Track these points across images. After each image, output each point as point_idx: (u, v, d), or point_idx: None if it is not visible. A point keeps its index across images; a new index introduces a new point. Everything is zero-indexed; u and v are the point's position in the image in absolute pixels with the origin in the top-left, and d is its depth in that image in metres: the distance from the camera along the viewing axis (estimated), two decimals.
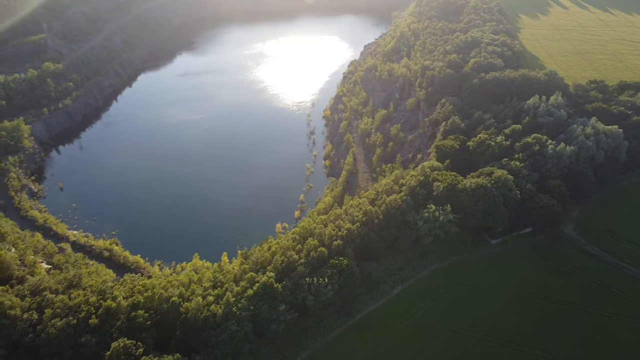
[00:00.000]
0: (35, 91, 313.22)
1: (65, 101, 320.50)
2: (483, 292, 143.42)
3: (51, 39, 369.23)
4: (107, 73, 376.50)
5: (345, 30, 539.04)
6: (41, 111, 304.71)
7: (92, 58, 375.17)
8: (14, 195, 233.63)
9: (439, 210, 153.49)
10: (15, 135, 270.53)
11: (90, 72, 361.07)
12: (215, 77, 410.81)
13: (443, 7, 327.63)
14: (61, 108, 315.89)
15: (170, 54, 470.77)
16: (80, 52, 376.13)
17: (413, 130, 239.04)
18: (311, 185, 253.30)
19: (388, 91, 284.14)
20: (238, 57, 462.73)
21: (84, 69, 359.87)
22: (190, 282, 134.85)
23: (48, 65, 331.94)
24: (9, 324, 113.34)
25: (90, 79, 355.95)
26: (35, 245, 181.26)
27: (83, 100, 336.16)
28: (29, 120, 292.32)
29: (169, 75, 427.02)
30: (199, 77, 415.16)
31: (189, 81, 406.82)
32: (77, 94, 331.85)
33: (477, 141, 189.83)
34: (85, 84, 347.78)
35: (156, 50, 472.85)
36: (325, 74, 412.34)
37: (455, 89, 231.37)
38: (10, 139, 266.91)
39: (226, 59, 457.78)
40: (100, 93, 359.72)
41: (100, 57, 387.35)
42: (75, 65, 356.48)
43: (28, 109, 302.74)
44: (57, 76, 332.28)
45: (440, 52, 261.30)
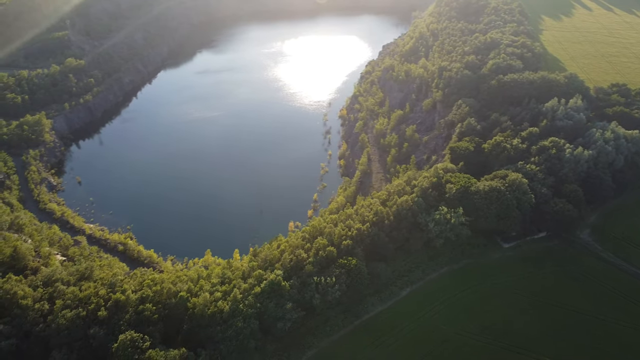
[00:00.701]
0: (57, 86, 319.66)
1: (86, 97, 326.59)
2: (494, 296, 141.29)
3: (74, 36, 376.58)
4: (127, 70, 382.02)
5: (365, 30, 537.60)
6: (62, 106, 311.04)
7: (113, 55, 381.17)
8: (34, 188, 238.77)
9: (451, 213, 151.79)
10: (36, 129, 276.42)
11: (111, 69, 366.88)
12: (234, 75, 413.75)
13: (463, 7, 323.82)
14: (82, 103, 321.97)
15: (190, 51, 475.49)
16: (102, 48, 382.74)
17: (428, 132, 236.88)
18: (325, 184, 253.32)
19: (405, 92, 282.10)
20: (257, 55, 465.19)
21: (105, 65, 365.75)
22: (199, 277, 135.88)
23: (70, 61, 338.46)
24: (20, 313, 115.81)
25: (111, 75, 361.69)
26: (51, 237, 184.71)
27: (103, 96, 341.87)
28: (51, 115, 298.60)
29: (188, 72, 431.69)
30: (217, 75, 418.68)
31: (207, 79, 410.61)
32: (97, 89, 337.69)
33: (492, 143, 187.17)
34: (106, 80, 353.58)
35: (176, 47, 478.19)
36: (343, 74, 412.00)
37: (473, 90, 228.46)
38: (31, 132, 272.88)
39: (245, 58, 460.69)
40: (121, 89, 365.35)
41: (122, 54, 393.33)
42: (97, 61, 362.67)
43: (50, 103, 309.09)
44: (79, 72, 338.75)
45: (458, 53, 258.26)
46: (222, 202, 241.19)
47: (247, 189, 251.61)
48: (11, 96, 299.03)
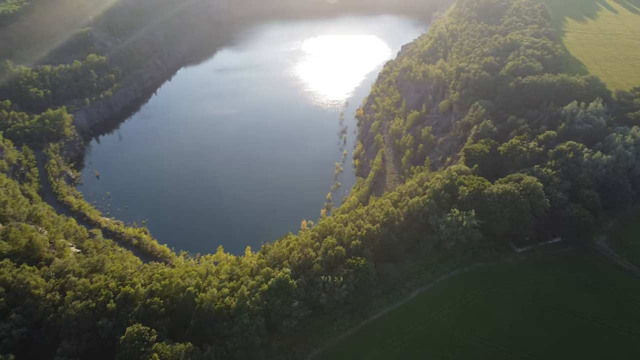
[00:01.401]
0: (79, 82, 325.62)
1: (106, 92, 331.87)
2: (504, 301, 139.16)
3: (97, 32, 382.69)
4: (147, 66, 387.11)
5: (385, 30, 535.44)
6: (83, 101, 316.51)
7: (134, 51, 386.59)
8: (53, 181, 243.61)
9: (463, 215, 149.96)
10: (57, 123, 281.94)
11: (132, 65, 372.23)
12: (252, 73, 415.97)
13: (484, 8, 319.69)
14: (102, 99, 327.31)
15: (210, 49, 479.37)
16: (123, 45, 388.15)
17: (444, 133, 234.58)
18: (339, 184, 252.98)
19: (422, 92, 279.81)
20: (276, 54, 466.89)
21: (126, 61, 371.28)
22: (208, 273, 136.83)
23: (92, 57, 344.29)
24: (32, 303, 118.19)
25: (131, 71, 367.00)
26: (67, 229, 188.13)
27: (123, 92, 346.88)
28: (72, 110, 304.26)
29: (207, 70, 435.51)
30: (236, 72, 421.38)
31: (226, 76, 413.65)
32: (117, 85, 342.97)
33: (508, 146, 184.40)
34: (126, 76, 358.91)
35: (196, 45, 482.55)
36: (361, 74, 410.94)
37: (490, 92, 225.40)
38: (52, 126, 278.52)
39: (264, 56, 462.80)
40: (140, 85, 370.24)
41: (143, 50, 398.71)
42: (118, 57, 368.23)
43: (71, 98, 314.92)
44: (100, 68, 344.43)
45: (477, 54, 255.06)
46: (237, 199, 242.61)
47: (261, 186, 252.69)
48: (34, 90, 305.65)
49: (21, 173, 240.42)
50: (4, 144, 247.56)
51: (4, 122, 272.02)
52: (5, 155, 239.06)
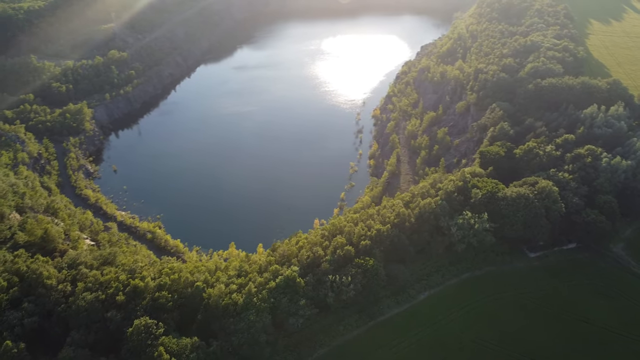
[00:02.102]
0: (100, 77, 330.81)
1: (126, 88, 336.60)
2: (515, 306, 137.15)
3: (119, 29, 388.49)
4: (167, 63, 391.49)
5: (406, 30, 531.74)
6: (104, 96, 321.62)
7: (155, 48, 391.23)
8: (72, 174, 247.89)
9: (475, 218, 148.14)
10: (78, 118, 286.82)
11: (152, 62, 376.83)
12: (271, 72, 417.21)
13: (505, 9, 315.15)
14: (122, 94, 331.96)
15: (230, 47, 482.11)
16: (144, 41, 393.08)
17: (460, 135, 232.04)
18: (353, 184, 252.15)
19: (439, 93, 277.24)
20: (296, 52, 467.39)
21: (147, 58, 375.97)
22: (217, 269, 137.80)
23: (114, 53, 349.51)
24: (44, 293, 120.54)
25: (151, 67, 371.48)
26: (83, 222, 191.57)
27: (143, 88, 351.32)
28: (92, 105, 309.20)
29: (226, 67, 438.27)
30: (255, 70, 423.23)
31: (245, 74, 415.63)
32: (137, 81, 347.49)
33: (524, 149, 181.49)
34: (146, 72, 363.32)
35: (217, 42, 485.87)
36: (380, 74, 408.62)
37: (508, 94, 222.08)
38: (73, 121, 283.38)
39: (284, 54, 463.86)
40: (160, 82, 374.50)
41: (163, 47, 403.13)
42: (139, 54, 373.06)
43: (92, 93, 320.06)
44: (121, 64, 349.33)
45: (496, 56, 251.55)
46: (251, 197, 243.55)
47: (276, 185, 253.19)
48: (56, 85, 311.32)
49: (41, 166, 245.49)
50: (26, 137, 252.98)
51: (27, 116, 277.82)
52: (27, 148, 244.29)
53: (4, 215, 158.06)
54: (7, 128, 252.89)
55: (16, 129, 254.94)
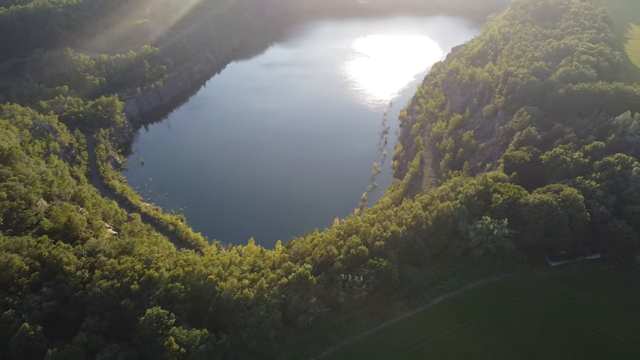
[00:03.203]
0: (132, 71, 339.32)
1: (157, 82, 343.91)
2: (533, 315, 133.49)
3: (153, 24, 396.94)
4: (198, 59, 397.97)
5: (438, 32, 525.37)
6: (135, 90, 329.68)
7: (186, 44, 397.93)
8: (100, 165, 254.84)
9: (494, 223, 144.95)
10: (109, 110, 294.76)
11: (183, 57, 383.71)
12: (300, 70, 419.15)
13: (540, 11, 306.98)
14: (153, 89, 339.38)
15: (261, 44, 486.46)
16: (177, 37, 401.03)
17: (486, 139, 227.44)
18: (376, 184, 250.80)
19: (467, 96, 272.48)
20: (326, 51, 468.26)
21: (178, 53, 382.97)
22: (231, 263, 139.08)
23: (146, 48, 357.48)
24: (63, 278, 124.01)
25: (182, 63, 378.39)
26: (108, 211, 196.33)
27: (173, 82, 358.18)
28: (123, 98, 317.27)
29: (256, 64, 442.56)
30: (284, 68, 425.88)
31: (274, 71, 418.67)
32: (168, 76, 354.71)
33: (551, 155, 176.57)
34: (177, 67, 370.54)
35: (248, 40, 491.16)
36: (409, 75, 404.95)
37: (538, 98, 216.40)
38: (104, 113, 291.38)
39: (314, 53, 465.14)
40: (190, 77, 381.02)
41: (195, 43, 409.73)
42: (171, 49, 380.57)
43: (124, 87, 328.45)
44: (153, 59, 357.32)
45: (527, 58, 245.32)
46: (273, 194, 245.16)
47: (298, 182, 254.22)
48: (90, 78, 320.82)
49: (72, 155, 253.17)
50: (59, 127, 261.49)
51: (61, 107, 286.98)
52: (59, 138, 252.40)
53: (32, 202, 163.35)
54: (41, 118, 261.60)
55: (50, 119, 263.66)
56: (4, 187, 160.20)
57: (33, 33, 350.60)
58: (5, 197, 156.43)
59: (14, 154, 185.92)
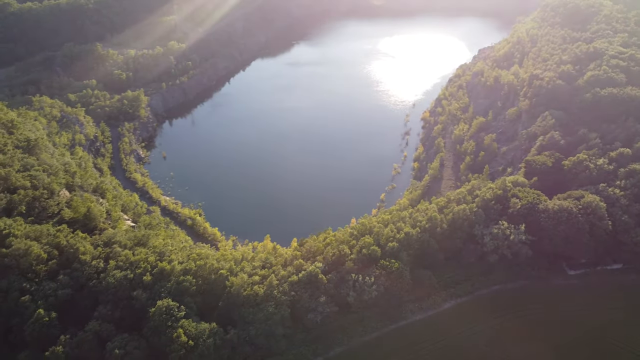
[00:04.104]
0: (158, 67, 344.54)
1: (182, 78, 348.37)
2: (548, 325, 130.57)
3: (180, 20, 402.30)
4: (223, 56, 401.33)
5: (466, 33, 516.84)
6: (160, 85, 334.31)
7: (212, 41, 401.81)
8: (124, 158, 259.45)
9: (511, 229, 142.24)
10: (134, 105, 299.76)
11: (209, 54, 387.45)
12: (324, 69, 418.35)
13: (570, 14, 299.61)
14: (178, 84, 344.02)
15: (286, 42, 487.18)
16: (203, 34, 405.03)
17: (509, 143, 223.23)
18: (394, 185, 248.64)
19: (491, 98, 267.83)
20: (351, 51, 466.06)
21: (204, 50, 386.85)
22: (243, 258, 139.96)
23: (173, 44, 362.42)
24: (79, 267, 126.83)
25: (207, 60, 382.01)
26: (127, 204, 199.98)
27: (198, 79, 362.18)
28: (149, 93, 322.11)
29: (281, 63, 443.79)
30: (308, 67, 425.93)
31: (298, 70, 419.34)
32: (193, 72, 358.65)
33: (574, 161, 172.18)
34: (202, 64, 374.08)
35: (273, 38, 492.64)
36: (435, 76, 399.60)
37: (563, 102, 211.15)
38: (130, 107, 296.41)
39: (338, 52, 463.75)
40: (215, 74, 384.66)
41: (221, 40, 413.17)
42: (197, 46, 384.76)
43: (149, 82, 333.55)
44: (179, 55, 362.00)
45: (554, 62, 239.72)
46: (291, 192, 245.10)
47: (317, 181, 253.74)
48: (118, 72, 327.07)
49: (96, 148, 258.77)
50: (85, 120, 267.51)
51: (88, 100, 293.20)
52: (85, 131, 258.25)
53: (54, 192, 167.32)
54: (69, 110, 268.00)
55: (77, 112, 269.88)
56: (28, 176, 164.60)
57: (64, 28, 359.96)
58: (28, 186, 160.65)
59: (40, 145, 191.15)
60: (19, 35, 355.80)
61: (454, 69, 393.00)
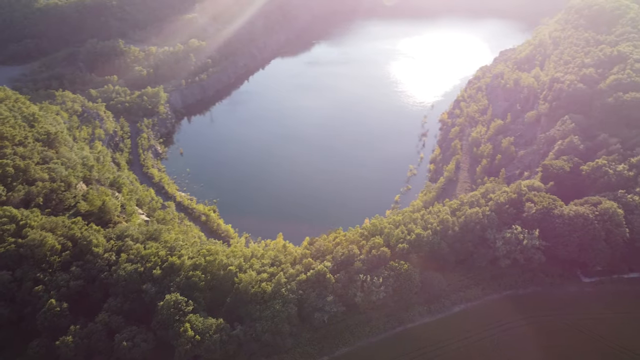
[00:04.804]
0: (179, 64, 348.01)
1: (202, 75, 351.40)
2: (559, 332, 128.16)
3: (202, 19, 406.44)
4: (243, 54, 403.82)
5: (488, 34, 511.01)
6: (180, 82, 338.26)
7: (232, 38, 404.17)
8: (141, 153, 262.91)
9: (525, 233, 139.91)
10: (154, 101, 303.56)
11: (228, 52, 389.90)
12: (343, 68, 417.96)
13: (595, 16, 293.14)
14: (197, 82, 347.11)
15: (307, 41, 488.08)
16: (224, 32, 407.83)
17: (527, 146, 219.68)
18: (410, 187, 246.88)
19: (510, 101, 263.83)
20: (370, 51, 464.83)
21: (224, 48, 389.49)
22: (253, 255, 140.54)
23: (193, 42, 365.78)
24: (92, 259, 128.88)
25: (227, 57, 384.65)
26: (143, 198, 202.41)
27: (217, 76, 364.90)
28: (168, 89, 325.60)
29: (300, 61, 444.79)
30: (327, 66, 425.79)
31: (317, 69, 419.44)
32: (213, 70, 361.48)
33: (593, 166, 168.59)
34: (222, 62, 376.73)
35: (294, 36, 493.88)
36: (455, 78, 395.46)
37: (584, 106, 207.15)
38: (149, 103, 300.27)
39: (358, 52, 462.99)
40: (234, 72, 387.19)
41: (241, 38, 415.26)
42: (217, 43, 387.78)
43: (169, 79, 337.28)
44: (199, 52, 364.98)
45: (576, 65, 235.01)
46: (306, 190, 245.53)
47: (333, 180, 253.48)
48: (139, 69, 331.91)
49: (115, 143, 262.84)
50: (105, 115, 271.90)
51: (109, 95, 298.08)
52: (104, 125, 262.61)
53: (71, 185, 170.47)
54: (90, 105, 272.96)
55: (97, 107, 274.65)
56: (47, 169, 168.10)
57: (88, 24, 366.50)
58: (46, 179, 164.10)
59: (59, 138, 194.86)
60: (44, 31, 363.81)
61: (475, 70, 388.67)
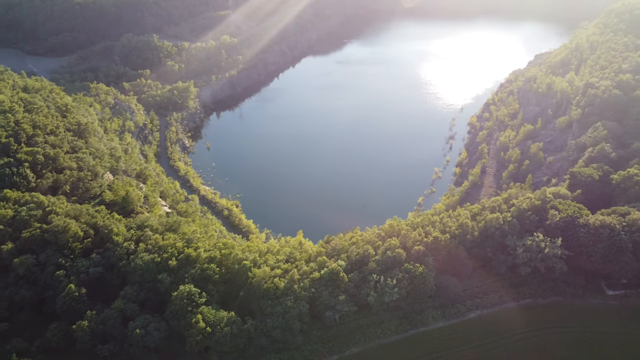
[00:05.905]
0: (210, 60, 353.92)
1: (232, 72, 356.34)
2: (579, 344, 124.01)
3: (235, 16, 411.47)
4: (274, 51, 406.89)
5: (525, 37, 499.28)
6: (210, 78, 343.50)
7: (264, 36, 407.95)
8: (169, 146, 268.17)
9: (547, 242, 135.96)
10: (184, 95, 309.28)
11: (259, 49, 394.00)
12: (374, 68, 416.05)
13: (635, 20, 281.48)
14: (227, 77, 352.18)
15: (338, 41, 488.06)
16: (256, 29, 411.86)
17: (556, 153, 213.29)
18: (434, 189, 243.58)
19: (542, 106, 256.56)
20: (402, 51, 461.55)
21: (255, 45, 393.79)
22: (268, 251, 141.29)
23: (225, 38, 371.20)
24: (112, 247, 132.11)
25: (257, 54, 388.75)
26: (167, 190, 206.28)
27: (247, 73, 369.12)
28: (198, 84, 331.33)
29: (331, 60, 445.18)
30: (358, 66, 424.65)
31: (347, 69, 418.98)
32: (243, 67, 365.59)
33: (624, 175, 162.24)
34: (252, 59, 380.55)
35: (325, 35, 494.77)
36: (487, 81, 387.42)
37: (618, 113, 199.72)
38: (179, 98, 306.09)
39: (390, 52, 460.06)
40: (264, 69, 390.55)
41: (272, 36, 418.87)
42: (248, 40, 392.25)
43: (200, 74, 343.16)
44: (231, 49, 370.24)
45: (612, 70, 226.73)
46: (330, 189, 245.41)
47: (357, 180, 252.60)
48: (171, 64, 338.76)
49: (144, 135, 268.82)
50: (136, 108, 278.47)
51: (141, 89, 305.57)
52: (135, 118, 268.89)
53: (98, 175, 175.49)
54: (122, 98, 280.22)
55: (129, 100, 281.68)
56: (75, 158, 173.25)
57: (125, 19, 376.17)
58: (74, 168, 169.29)
59: (89, 129, 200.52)
60: (82, 25, 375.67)
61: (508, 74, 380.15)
